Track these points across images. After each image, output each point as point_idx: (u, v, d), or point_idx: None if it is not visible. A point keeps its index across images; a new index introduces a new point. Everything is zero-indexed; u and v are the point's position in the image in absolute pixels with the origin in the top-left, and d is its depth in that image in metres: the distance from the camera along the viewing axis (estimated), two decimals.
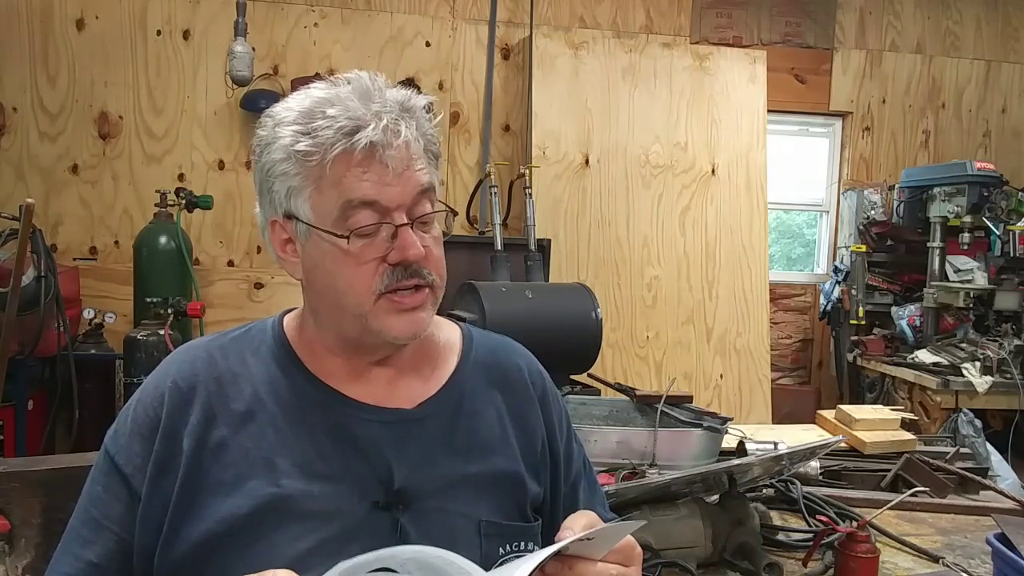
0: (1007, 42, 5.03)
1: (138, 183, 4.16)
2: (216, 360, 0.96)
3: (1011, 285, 4.11)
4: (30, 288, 3.13)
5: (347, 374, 0.97)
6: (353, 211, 0.88)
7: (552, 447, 1.06)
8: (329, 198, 0.89)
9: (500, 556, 0.95)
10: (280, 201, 0.92)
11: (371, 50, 4.35)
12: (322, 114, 0.88)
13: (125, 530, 0.91)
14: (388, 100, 0.90)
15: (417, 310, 0.93)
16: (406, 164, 0.90)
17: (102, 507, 0.92)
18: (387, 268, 0.90)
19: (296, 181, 0.90)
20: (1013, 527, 1.23)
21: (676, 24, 4.68)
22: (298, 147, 0.88)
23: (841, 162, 4.99)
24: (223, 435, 0.91)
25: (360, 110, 0.88)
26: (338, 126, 0.87)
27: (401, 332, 0.92)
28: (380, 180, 0.88)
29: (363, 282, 0.90)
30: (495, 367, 1.06)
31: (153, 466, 0.91)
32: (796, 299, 4.97)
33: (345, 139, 0.87)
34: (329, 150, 0.87)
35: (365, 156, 0.87)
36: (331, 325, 0.95)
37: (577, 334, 2.75)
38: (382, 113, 0.88)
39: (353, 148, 0.86)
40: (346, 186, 0.88)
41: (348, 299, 0.91)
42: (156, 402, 0.93)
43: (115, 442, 0.94)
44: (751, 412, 4.21)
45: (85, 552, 0.91)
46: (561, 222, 4.14)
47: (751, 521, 1.43)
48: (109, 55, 4.14)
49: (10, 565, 1.28)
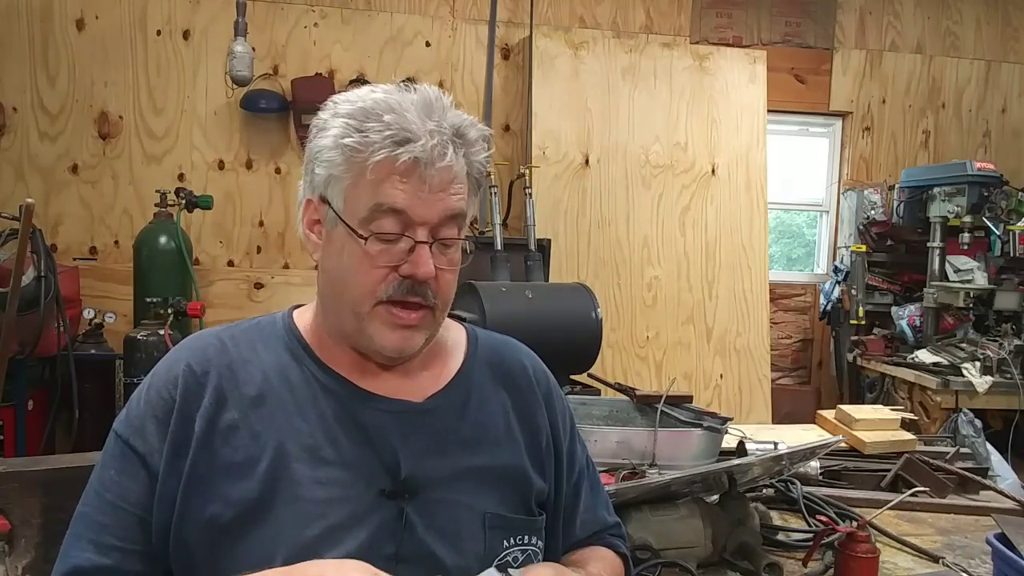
0: (1007, 42, 5.03)
1: (138, 183, 4.16)
2: (228, 347, 0.98)
3: (1011, 285, 4.11)
4: (30, 288, 3.13)
5: (357, 366, 0.98)
6: (381, 215, 0.90)
7: (556, 444, 1.07)
8: (363, 196, 0.91)
9: (504, 548, 0.96)
10: (318, 184, 0.94)
11: (371, 50, 4.36)
12: (378, 117, 0.90)
13: (145, 510, 0.91)
14: (446, 121, 0.91)
15: (411, 329, 0.94)
16: (443, 187, 0.91)
17: (118, 490, 0.92)
18: (396, 279, 0.92)
19: (337, 171, 0.92)
20: (1013, 527, 1.23)
21: (676, 24, 4.67)
22: (346, 141, 0.90)
23: (841, 162, 4.99)
24: (234, 418, 0.92)
25: (415, 124, 0.89)
26: (389, 133, 0.88)
27: (389, 345, 0.94)
28: (414, 194, 0.90)
29: (369, 284, 0.92)
30: (500, 365, 1.07)
31: (169, 447, 0.91)
32: (796, 299, 4.97)
33: (392, 147, 0.88)
34: (375, 153, 0.88)
35: (407, 168, 0.89)
36: (332, 313, 0.98)
37: (577, 334, 2.75)
38: (435, 132, 0.89)
39: (397, 158, 0.88)
40: (382, 190, 0.90)
41: (351, 295, 0.93)
42: (171, 385, 0.94)
43: (127, 426, 0.94)
44: (751, 412, 4.21)
45: (104, 537, 0.90)
46: (561, 222, 4.14)
47: (751, 521, 1.43)
48: (109, 55, 4.14)
49: (10, 565, 1.28)
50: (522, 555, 0.97)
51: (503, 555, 0.96)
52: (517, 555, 0.97)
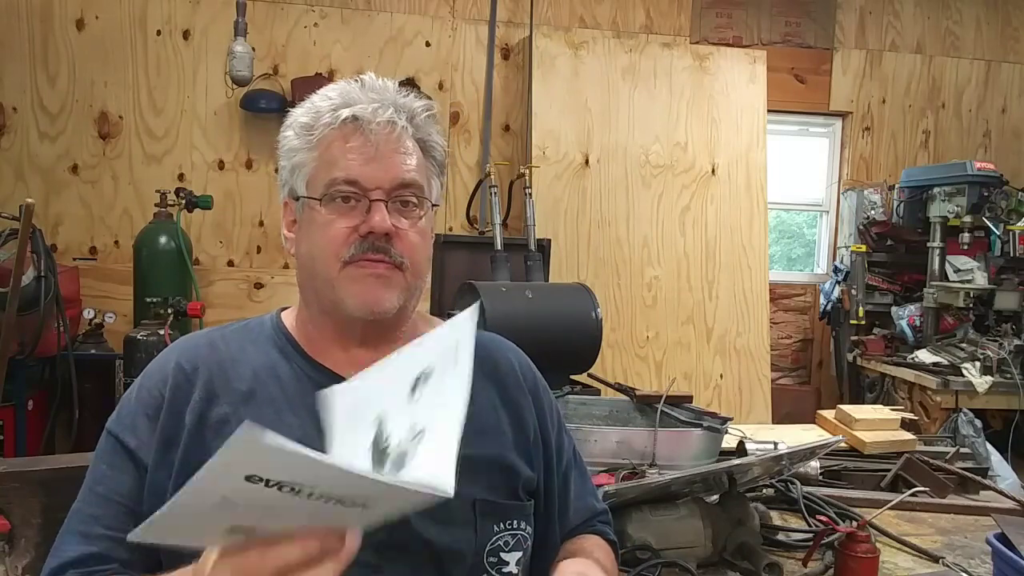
0: (1007, 42, 5.03)
1: (138, 183, 4.16)
2: (218, 346, 1.01)
3: (1011, 285, 4.11)
4: (30, 288, 3.13)
5: (345, 360, 1.00)
6: (336, 187, 0.96)
7: (544, 436, 1.10)
8: (320, 175, 0.97)
9: (495, 533, 0.99)
10: (286, 180, 1.01)
11: (371, 50, 4.35)
12: (325, 97, 0.99)
13: (135, 501, 0.92)
14: (388, 94, 0.99)
15: (379, 280, 0.96)
16: (392, 148, 0.97)
17: (108, 483, 0.94)
18: (356, 239, 0.96)
19: (299, 157, 0.99)
20: (1013, 527, 1.23)
21: (676, 24, 4.67)
22: (300, 120, 0.99)
23: (841, 162, 4.99)
24: (225, 412, 0.94)
25: (356, 94, 0.98)
26: (331, 103, 0.97)
27: (358, 301, 0.96)
28: (362, 155, 0.95)
29: (333, 248, 0.96)
30: (487, 360, 1.09)
31: (159, 440, 0.93)
32: (796, 299, 4.97)
33: (335, 112, 0.96)
34: (322, 120, 0.96)
35: (350, 130, 0.96)
36: (311, 293, 1.01)
37: (577, 334, 2.75)
38: (375, 100, 0.97)
39: (338, 119, 0.96)
40: (334, 163, 0.96)
41: (319, 265, 0.97)
42: (160, 382, 0.97)
43: (118, 423, 0.97)
44: (751, 412, 4.21)
45: (94, 528, 0.92)
46: (561, 222, 4.14)
47: (751, 521, 1.43)
48: (109, 55, 4.14)
49: (10, 565, 1.28)
50: (512, 539, 1.00)
51: (494, 539, 0.98)
52: (508, 539, 1.00)
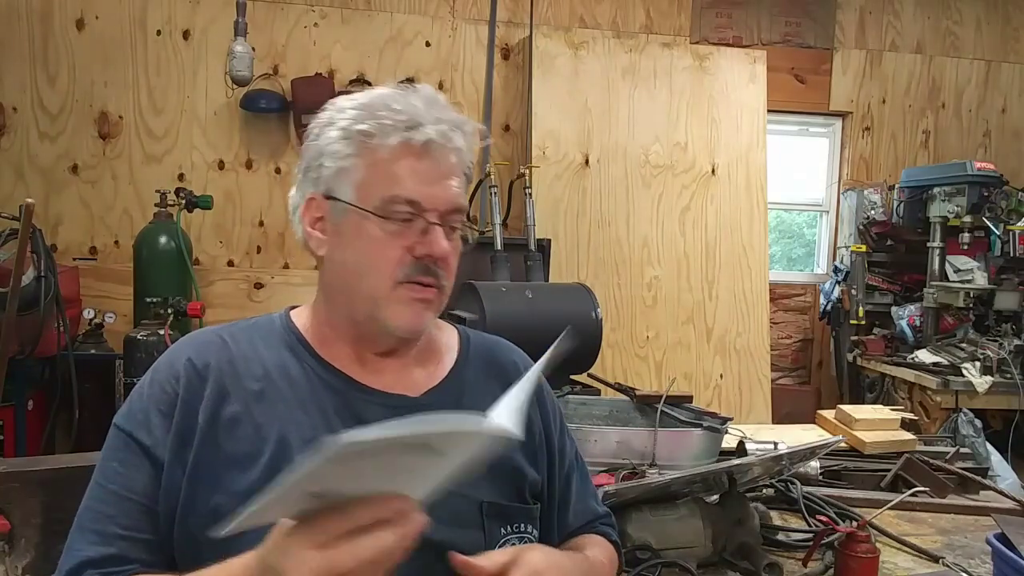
0: (1007, 42, 5.03)
1: (138, 183, 4.16)
2: (228, 344, 1.00)
3: (1011, 285, 4.11)
4: (30, 288, 3.13)
5: (356, 362, 1.01)
6: (397, 205, 0.94)
7: (548, 438, 1.11)
8: (376, 185, 0.94)
9: (502, 536, 0.99)
10: (326, 179, 0.97)
11: (371, 50, 4.35)
12: (386, 107, 0.95)
13: (150, 499, 0.92)
14: (447, 114, 0.97)
15: (425, 304, 0.97)
16: (452, 173, 0.97)
17: (122, 481, 0.92)
18: (411, 260, 0.95)
19: (348, 162, 0.95)
20: (1013, 527, 1.23)
21: (676, 24, 4.67)
22: (358, 127, 0.94)
23: (841, 162, 4.99)
24: (236, 411, 0.94)
25: (423, 113, 0.95)
26: (401, 119, 0.94)
27: (405, 323, 0.97)
28: (427, 178, 0.94)
29: (387, 267, 0.95)
30: (493, 362, 1.11)
31: (174, 438, 0.93)
32: (796, 299, 4.97)
33: (407, 132, 0.93)
34: (389, 136, 0.93)
35: (421, 151, 0.94)
36: (342, 307, 1.00)
37: (577, 334, 2.75)
38: (441, 120, 0.95)
39: (410, 140, 0.93)
40: (396, 179, 0.94)
41: (367, 280, 0.96)
42: (173, 379, 0.96)
43: (130, 420, 0.95)
44: (751, 412, 4.21)
45: (109, 527, 0.91)
46: (561, 222, 4.14)
47: (751, 521, 1.43)
48: (109, 55, 4.14)
49: (10, 565, 1.28)
50: (519, 542, 1.00)
51: (501, 542, 0.98)
52: (515, 541, 0.99)
